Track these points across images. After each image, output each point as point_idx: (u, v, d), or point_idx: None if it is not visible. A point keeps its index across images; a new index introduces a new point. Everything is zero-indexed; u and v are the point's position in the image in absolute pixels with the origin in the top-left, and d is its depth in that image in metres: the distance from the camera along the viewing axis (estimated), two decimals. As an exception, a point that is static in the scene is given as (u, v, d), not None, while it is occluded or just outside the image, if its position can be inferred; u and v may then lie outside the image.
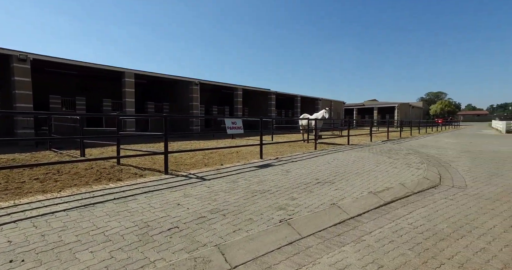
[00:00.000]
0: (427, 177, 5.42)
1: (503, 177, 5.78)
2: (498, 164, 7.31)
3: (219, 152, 8.76)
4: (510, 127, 22.77)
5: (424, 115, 55.51)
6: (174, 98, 21.18)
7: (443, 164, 7.37)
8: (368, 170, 5.88)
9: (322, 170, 5.86)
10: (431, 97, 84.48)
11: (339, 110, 34.29)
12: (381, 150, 9.55)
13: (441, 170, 6.40)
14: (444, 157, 8.74)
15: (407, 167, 6.37)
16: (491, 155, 9.13)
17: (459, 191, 4.70)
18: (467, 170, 6.50)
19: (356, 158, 7.46)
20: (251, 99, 26.96)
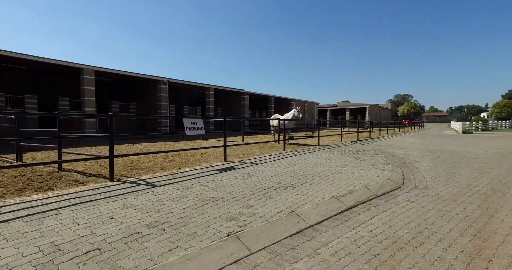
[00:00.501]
0: (391, 178, 5.35)
1: (459, 176, 5.90)
2: (455, 163, 7.55)
3: (182, 155, 8.21)
4: (465, 127, 24.45)
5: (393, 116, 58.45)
6: (142, 97, 20.07)
7: (407, 164, 7.46)
8: (334, 172, 5.70)
9: (287, 173, 5.58)
10: (399, 99, 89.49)
11: (312, 111, 34.85)
12: (350, 150, 9.56)
13: (405, 171, 6.42)
14: (409, 157, 8.92)
15: (373, 168, 6.30)
16: (450, 154, 9.50)
17: (420, 192, 4.65)
18: (428, 170, 6.59)
19: (323, 160, 7.31)
20: (224, 100, 26.43)
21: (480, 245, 2.74)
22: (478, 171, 6.51)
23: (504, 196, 4.42)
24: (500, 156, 9.08)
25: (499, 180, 5.59)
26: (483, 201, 4.17)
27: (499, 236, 2.93)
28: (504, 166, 7.23)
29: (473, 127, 27.37)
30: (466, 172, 6.40)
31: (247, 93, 24.46)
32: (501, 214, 3.62)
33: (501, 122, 33.41)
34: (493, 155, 9.52)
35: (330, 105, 47.46)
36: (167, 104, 18.53)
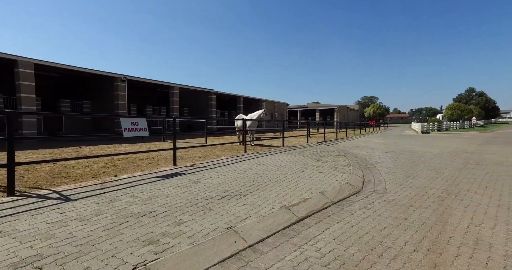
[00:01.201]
0: (350, 182, 5.04)
1: (417, 177, 5.80)
2: (414, 164, 7.58)
3: (130, 159, 7.33)
4: (424, 128, 25.95)
5: (360, 117, 61.01)
6: (97, 96, 18.37)
7: (369, 165, 7.32)
8: (291, 177, 5.28)
9: (239, 178, 5.04)
10: (366, 100, 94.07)
11: (283, 112, 34.94)
12: (313, 152, 9.31)
13: (366, 173, 6.22)
14: (371, 158, 8.88)
15: (333, 171, 5.99)
16: (409, 154, 9.66)
17: (378, 197, 4.36)
18: (388, 172, 6.47)
19: (283, 162, 6.89)
20: (191, 99, 25.32)
21: (434, 261, 2.41)
22: (434, 172, 6.52)
23: (457, 199, 4.28)
24: (452, 156, 9.40)
25: (452, 180, 5.56)
26: (438, 205, 3.97)
27: (453, 248, 2.64)
28: (456, 165, 7.38)
29: (430, 127, 29.20)
30: (423, 173, 6.36)
31: (214, 92, 23.64)
32: (454, 219, 3.40)
33: (453, 123, 36.19)
34: (447, 154, 9.86)
35: (300, 106, 48.15)
36: (126, 103, 17.09)
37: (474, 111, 47.50)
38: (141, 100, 23.01)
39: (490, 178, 5.84)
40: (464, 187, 5.07)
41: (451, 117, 43.96)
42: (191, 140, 15.03)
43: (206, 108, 23.70)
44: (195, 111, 25.12)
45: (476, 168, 7.07)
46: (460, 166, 7.29)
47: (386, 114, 79.18)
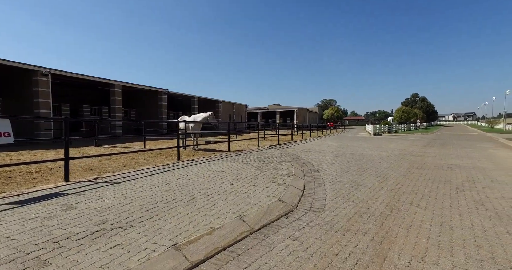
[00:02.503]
0: (283, 198, 4.17)
1: (362, 187, 5.22)
2: (362, 170, 7.13)
3: (15, 170, 5.67)
4: (376, 130, 27.12)
5: (319, 119, 62.96)
6: (14, 93, 15.38)
7: (314, 173, 6.65)
8: (213, 193, 4.25)
9: (141, 198, 3.86)
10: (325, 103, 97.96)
11: (242, 113, 34.08)
12: (258, 158, 8.45)
13: (308, 183, 5.48)
14: (320, 163, 8.31)
15: (270, 183, 5.12)
16: (359, 158, 9.35)
17: (313, 218, 3.55)
18: (333, 180, 5.83)
19: (215, 172, 5.85)
20: (138, 99, 23.03)
21: None
22: (380, 179, 6.05)
23: (399, 216, 3.66)
24: (399, 159, 9.29)
25: (397, 190, 5.05)
26: (378, 227, 3.26)
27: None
28: (401, 170, 7.09)
29: (382, 130, 30.74)
30: (369, 181, 5.84)
31: (165, 92, 21.77)
32: (395, 252, 2.68)
33: (401, 126, 38.83)
34: (394, 157, 9.77)
35: (261, 107, 47.84)
36: (50, 102, 14.49)
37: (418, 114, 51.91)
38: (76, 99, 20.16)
39: (432, 185, 5.49)
40: (408, 198, 4.55)
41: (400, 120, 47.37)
42: (132, 144, 13.28)
43: (156, 108, 21.70)
44: (144, 112, 22.91)
45: (419, 173, 6.81)
46: (405, 171, 7.00)
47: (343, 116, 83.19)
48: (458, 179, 6.09)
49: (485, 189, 5.21)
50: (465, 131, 37.12)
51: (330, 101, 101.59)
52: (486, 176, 6.42)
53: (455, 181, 5.93)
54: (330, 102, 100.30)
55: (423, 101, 73.74)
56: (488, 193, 4.92)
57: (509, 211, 3.89)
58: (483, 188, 5.29)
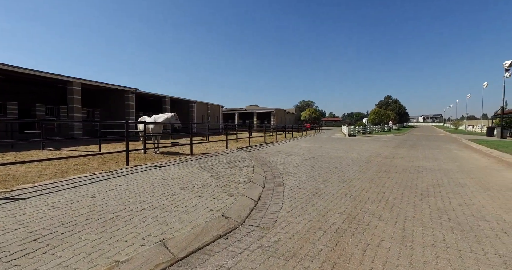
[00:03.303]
0: (228, 213, 3.57)
1: (324, 195, 4.76)
2: (328, 174, 6.74)
3: None
4: (351, 131, 27.47)
5: (297, 120, 63.45)
6: None
7: (277, 179, 6.14)
8: (144, 209, 3.56)
9: (32, 222, 3.03)
10: (303, 104, 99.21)
11: (217, 114, 33.19)
12: (220, 162, 7.81)
13: (266, 192, 4.93)
14: (286, 167, 7.84)
15: (220, 192, 4.51)
16: (328, 161, 9.01)
17: (257, 238, 2.98)
18: (295, 187, 5.33)
19: (160, 181, 5.14)
20: (105, 99, 21.50)
21: None
22: (345, 185, 5.66)
23: (357, 232, 3.19)
24: (368, 161, 9.08)
25: (361, 198, 4.64)
26: (331, 249, 2.76)
27: None
28: (369, 174, 6.78)
29: (356, 131, 31.27)
30: (334, 187, 5.41)
31: (132, 91, 20.43)
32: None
33: (375, 127, 39.92)
34: (364, 159, 9.55)
35: (238, 108, 47.15)
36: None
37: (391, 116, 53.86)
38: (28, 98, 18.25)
39: (397, 191, 5.16)
40: (370, 207, 4.13)
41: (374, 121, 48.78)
42: (89, 147, 12.09)
43: (123, 108, 20.30)
44: (110, 113, 21.38)
45: (386, 177, 6.53)
46: (373, 175, 6.70)
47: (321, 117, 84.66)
48: (423, 183, 5.85)
49: (449, 194, 4.96)
50: (433, 132, 38.91)
51: (308, 102, 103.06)
52: (450, 179, 6.26)
53: (421, 185, 5.68)
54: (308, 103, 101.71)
55: (395, 103, 76.85)
56: (451, 198, 4.65)
57: (471, 221, 3.58)
58: (447, 193, 5.04)
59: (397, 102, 77.52)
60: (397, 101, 78.12)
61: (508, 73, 19.33)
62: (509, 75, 19.35)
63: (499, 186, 5.62)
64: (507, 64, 19.10)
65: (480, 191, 5.18)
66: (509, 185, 5.73)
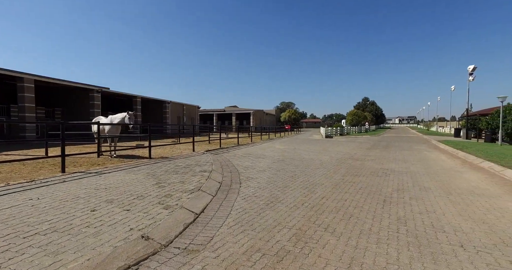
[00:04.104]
0: (152, 233, 2.96)
1: (279, 205, 4.27)
2: (292, 179, 6.30)
3: None
4: (328, 133, 27.57)
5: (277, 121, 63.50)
6: None
7: (234, 185, 5.60)
8: (38, 233, 2.84)
9: None
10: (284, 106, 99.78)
11: (193, 115, 32.13)
12: (176, 167, 7.15)
13: (214, 201, 4.37)
14: (250, 171, 7.32)
15: (156, 204, 3.88)
16: (297, 164, 8.61)
17: (176, 267, 2.40)
18: (250, 195, 4.82)
19: (87, 192, 4.40)
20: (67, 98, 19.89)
21: None
22: (307, 191, 5.22)
23: (301, 254, 2.70)
24: (338, 164, 8.78)
25: (318, 208, 4.20)
26: (262, 281, 2.24)
27: None
28: (335, 178, 6.42)
29: (334, 132, 31.53)
30: (293, 194, 4.95)
31: (98, 90, 19.06)
32: None
33: (353, 128, 40.63)
34: (334, 162, 9.26)
35: (217, 109, 46.19)
36: None
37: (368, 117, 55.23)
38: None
39: (360, 198, 4.79)
40: (326, 219, 3.68)
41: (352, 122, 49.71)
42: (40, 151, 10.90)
43: (87, 108, 18.87)
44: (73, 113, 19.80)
45: (352, 181, 6.19)
46: (339, 180, 6.34)
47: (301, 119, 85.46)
48: (388, 188, 5.55)
49: (412, 200, 4.66)
50: (407, 133, 40.23)
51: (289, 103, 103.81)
52: (415, 183, 6.02)
53: (385, 190, 5.36)
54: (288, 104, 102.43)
55: (372, 105, 79.10)
56: (413, 205, 4.33)
57: (429, 233, 3.23)
58: (410, 199, 4.73)
59: (374, 104, 79.83)
60: (374, 103, 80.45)
61: (472, 77, 20.13)
62: (472, 79, 20.16)
63: (460, 189, 5.43)
64: (471, 68, 19.88)
65: (442, 196, 4.93)
66: (470, 187, 5.58)
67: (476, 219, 3.72)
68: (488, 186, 5.74)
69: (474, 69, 19.92)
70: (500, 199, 4.76)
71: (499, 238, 3.10)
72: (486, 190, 5.37)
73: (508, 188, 5.61)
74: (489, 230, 3.34)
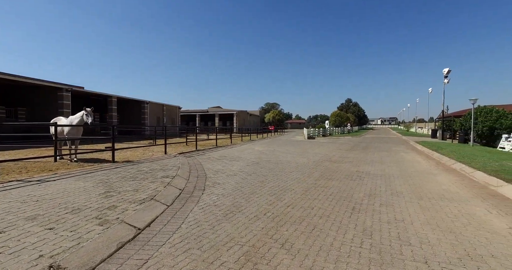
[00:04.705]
0: (66, 259, 2.45)
1: (239, 215, 3.88)
2: (262, 184, 5.94)
3: None
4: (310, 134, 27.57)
5: (261, 122, 63.25)
6: None
7: (196, 192, 5.15)
8: None
9: None
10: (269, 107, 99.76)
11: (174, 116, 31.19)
12: (137, 172, 6.60)
13: (166, 213, 3.91)
14: (220, 175, 6.90)
15: (93, 219, 3.37)
16: (271, 167, 8.27)
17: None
18: (210, 204, 4.40)
19: (12, 206, 3.78)
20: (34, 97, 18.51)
21: None
22: (274, 198, 4.86)
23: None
24: (314, 167, 8.52)
25: (281, 218, 3.83)
26: None
27: None
28: (307, 183, 6.12)
29: (316, 133, 31.62)
30: (257, 202, 4.58)
31: (67, 89, 17.92)
32: None
33: (336, 129, 41.04)
34: (311, 164, 9.00)
35: (200, 110, 45.28)
36: None
37: (351, 118, 56.11)
38: None
39: (328, 205, 4.48)
40: (286, 232, 3.32)
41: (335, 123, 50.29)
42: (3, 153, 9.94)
43: (56, 108, 17.66)
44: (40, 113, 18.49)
45: (325, 185, 5.90)
46: (311, 184, 6.03)
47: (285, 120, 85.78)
48: (360, 193, 5.29)
49: (382, 207, 4.40)
50: (388, 134, 41.11)
51: (274, 104, 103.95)
52: (388, 187, 5.81)
53: (357, 196, 5.10)
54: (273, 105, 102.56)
55: (355, 106, 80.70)
56: (382, 213, 4.06)
57: (394, 247, 2.94)
58: (380, 205, 4.47)
59: (357, 105, 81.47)
60: (357, 104, 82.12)
61: (447, 80, 20.69)
62: (447, 82, 20.72)
63: (432, 193, 5.27)
64: (445, 71, 20.43)
65: (413, 201, 4.72)
66: (441, 191, 5.43)
67: (443, 228, 3.49)
68: (458, 189, 5.62)
69: (448, 72, 20.48)
70: (468, 203, 4.61)
71: (465, 250, 2.86)
72: (456, 194, 5.24)
73: (476, 191, 5.52)
74: (456, 241, 3.10)
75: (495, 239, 3.17)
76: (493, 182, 5.92)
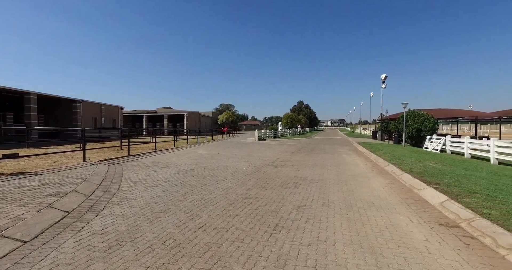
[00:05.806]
0: None
1: (125, 248, 2.97)
2: (182, 197, 5.07)
3: None
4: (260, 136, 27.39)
5: (214, 123, 61.75)
6: None
7: (89, 213, 4.06)
8: None
9: None
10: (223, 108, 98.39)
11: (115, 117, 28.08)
12: (13, 189, 5.16)
13: (13, 255, 2.78)
14: (138, 187, 5.85)
15: None
16: (205, 174, 7.42)
17: None
18: (96, 232, 3.39)
19: None
20: None
21: None
22: (187, 217, 4.06)
23: None
24: (252, 172, 7.94)
25: (176, 251, 3.01)
26: None
27: None
28: (237, 193, 5.43)
29: (267, 135, 31.66)
30: (164, 224, 3.73)
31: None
32: None
33: (288, 130, 41.90)
34: (250, 170, 8.39)
35: (148, 111, 42.00)
36: None
37: (302, 120, 58.14)
38: None
39: (248, 224, 3.82)
40: (176, 272, 2.52)
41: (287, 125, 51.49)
42: None
43: None
44: None
45: (255, 196, 5.28)
46: (240, 195, 5.35)
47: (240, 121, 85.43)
48: (290, 205, 4.77)
49: (308, 222, 3.90)
50: (336, 135, 43.41)
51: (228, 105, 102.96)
52: (321, 196, 5.44)
53: (285, 208, 4.56)
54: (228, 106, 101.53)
55: (307, 108, 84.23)
56: (306, 232, 3.54)
57: (309, 286, 2.36)
58: (307, 221, 3.97)
59: (308, 108, 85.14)
60: (308, 107, 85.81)
61: (384, 85, 22.39)
62: (384, 87, 22.42)
63: (362, 201, 5.02)
64: (383, 77, 22.09)
65: (342, 213, 4.35)
66: (371, 198, 5.24)
67: (365, 248, 3.08)
68: (387, 195, 5.52)
69: (385, 78, 22.16)
70: (393, 211, 4.42)
71: (385, 282, 2.42)
72: (384, 200, 5.08)
73: (403, 195, 5.48)
74: (375, 266, 2.67)
75: (413, 258, 2.85)
76: (416, 185, 6.01)
